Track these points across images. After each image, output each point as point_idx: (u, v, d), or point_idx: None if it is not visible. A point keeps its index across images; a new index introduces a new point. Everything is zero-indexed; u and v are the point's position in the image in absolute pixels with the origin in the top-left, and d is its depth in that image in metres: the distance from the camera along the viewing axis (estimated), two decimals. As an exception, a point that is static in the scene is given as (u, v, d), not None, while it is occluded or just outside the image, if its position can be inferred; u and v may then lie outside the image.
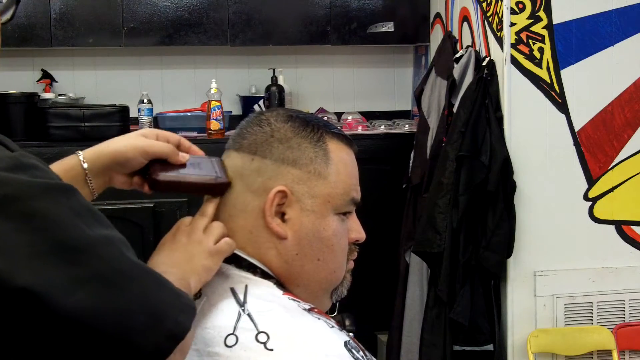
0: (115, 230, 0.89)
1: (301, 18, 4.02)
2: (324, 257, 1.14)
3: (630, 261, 3.18)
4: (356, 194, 1.17)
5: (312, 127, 1.15)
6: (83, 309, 0.80)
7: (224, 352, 1.03)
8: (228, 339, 1.03)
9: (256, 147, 1.14)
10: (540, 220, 3.09)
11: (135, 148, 1.13)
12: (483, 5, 3.22)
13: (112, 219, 0.91)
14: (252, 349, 1.02)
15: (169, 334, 0.87)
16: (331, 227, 1.14)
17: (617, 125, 3.13)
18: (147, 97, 3.77)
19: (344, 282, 1.19)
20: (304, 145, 1.13)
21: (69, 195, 0.85)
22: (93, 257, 0.83)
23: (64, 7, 3.80)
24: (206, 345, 1.05)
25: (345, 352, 1.03)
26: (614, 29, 3.10)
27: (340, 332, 1.08)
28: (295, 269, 1.14)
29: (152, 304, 0.87)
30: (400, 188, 3.61)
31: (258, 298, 1.08)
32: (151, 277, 0.90)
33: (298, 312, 1.07)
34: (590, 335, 3.11)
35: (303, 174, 1.13)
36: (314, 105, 4.28)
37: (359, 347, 1.08)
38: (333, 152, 1.15)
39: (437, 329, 3.05)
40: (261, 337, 1.02)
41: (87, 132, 3.59)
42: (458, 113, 3.09)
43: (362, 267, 1.27)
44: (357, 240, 1.20)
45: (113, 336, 0.82)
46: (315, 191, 1.13)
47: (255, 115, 1.18)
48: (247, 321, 1.05)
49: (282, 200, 1.12)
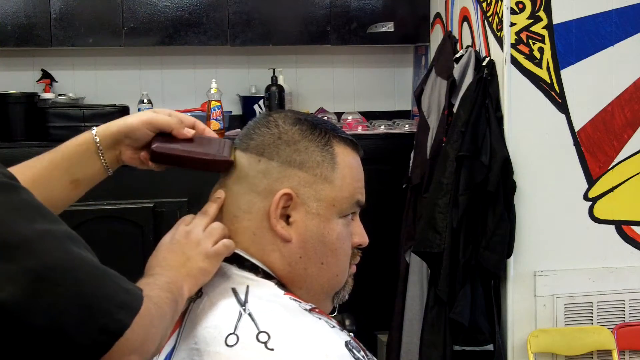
0: (62, 225, 0.90)
1: (301, 18, 4.02)
2: (328, 261, 1.14)
3: (630, 261, 3.18)
4: (361, 196, 1.18)
5: (319, 130, 1.15)
6: (14, 304, 0.82)
7: (225, 351, 1.03)
8: (229, 338, 1.03)
9: (263, 149, 1.14)
10: (540, 220, 3.09)
11: (142, 120, 1.16)
12: (483, 5, 3.22)
13: (112, 219, 0.92)
14: (253, 348, 1.01)
15: (103, 328, 0.87)
16: (335, 230, 1.14)
17: (617, 125, 3.13)
18: (147, 97, 3.77)
19: (346, 286, 1.20)
20: (311, 148, 1.13)
21: (8, 191, 0.87)
22: (26, 252, 0.84)
23: (64, 7, 3.80)
24: (207, 345, 1.04)
25: (346, 352, 1.03)
26: (614, 29, 3.10)
27: (341, 332, 1.08)
28: (298, 271, 1.14)
29: (86, 297, 0.87)
30: (400, 188, 3.61)
31: (259, 298, 1.08)
32: (91, 271, 0.90)
33: (299, 312, 1.07)
34: (590, 335, 3.11)
35: (309, 177, 1.13)
36: (314, 105, 4.28)
37: (360, 347, 1.08)
38: (339, 156, 1.15)
39: (437, 329, 3.05)
40: (262, 336, 1.02)
41: (87, 132, 3.59)
42: (458, 113, 3.09)
43: (363, 267, 1.27)
44: (360, 245, 1.20)
45: (47, 330, 0.84)
46: (320, 195, 1.13)
47: (263, 117, 1.18)
48: (248, 321, 1.04)
49: (288, 203, 1.12)
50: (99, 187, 1.24)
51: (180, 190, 3.61)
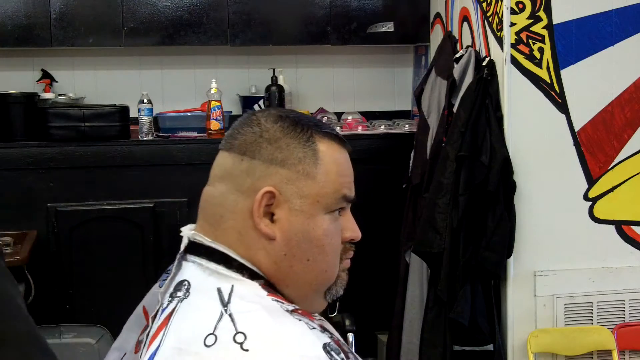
0: None
1: (301, 18, 4.02)
2: (314, 257, 1.14)
3: (630, 261, 3.18)
4: (348, 191, 1.16)
5: (301, 127, 1.14)
6: None
7: (203, 351, 1.03)
8: (208, 338, 1.03)
9: (245, 148, 1.14)
10: (540, 220, 3.09)
11: None
12: (483, 5, 3.22)
13: (112, 219, 0.92)
14: (229, 349, 1.01)
15: None
16: (321, 226, 1.13)
17: (617, 125, 3.13)
18: (147, 97, 3.77)
19: (337, 282, 1.18)
20: (292, 145, 1.13)
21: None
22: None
23: (64, 7, 3.80)
24: (188, 344, 1.05)
25: (323, 355, 1.02)
26: (614, 29, 3.10)
27: (322, 333, 1.07)
28: (284, 269, 1.13)
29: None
30: (400, 188, 3.61)
31: (242, 299, 1.08)
32: None
33: (280, 313, 1.07)
34: (590, 335, 3.11)
35: (291, 174, 1.12)
36: (314, 105, 4.28)
37: (341, 349, 1.07)
38: (322, 151, 1.14)
39: (437, 329, 3.04)
40: (239, 337, 1.02)
41: (87, 132, 3.59)
42: (458, 113, 3.09)
43: (362, 267, 1.27)
44: (352, 239, 1.19)
45: None
46: (304, 191, 1.12)
47: (247, 116, 1.18)
48: (227, 321, 1.04)
49: (271, 201, 1.11)
50: (99, 187, 1.24)
51: (180, 190, 3.61)
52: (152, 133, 3.73)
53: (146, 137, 3.71)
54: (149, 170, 3.65)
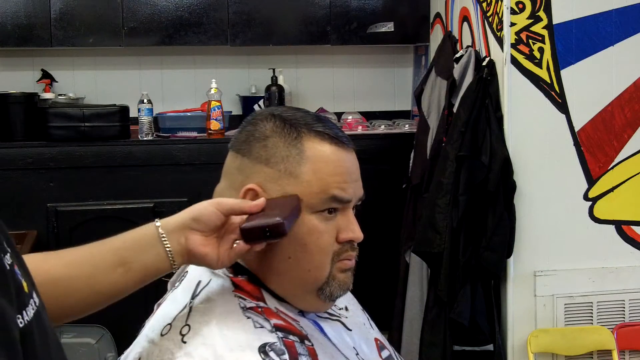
0: None
1: (301, 18, 4.02)
2: (296, 256, 1.13)
3: (630, 261, 3.18)
4: (339, 191, 1.14)
5: (289, 126, 1.15)
6: None
7: (157, 339, 1.07)
8: (165, 328, 1.08)
9: (240, 146, 1.17)
10: (540, 220, 3.09)
11: (209, 202, 1.10)
12: (483, 5, 3.22)
13: (112, 219, 0.92)
14: (173, 340, 1.06)
15: None
16: (305, 225, 1.13)
17: (617, 125, 3.13)
18: (147, 97, 3.77)
19: (331, 282, 1.15)
20: (278, 144, 1.14)
21: None
22: None
23: (64, 7, 3.80)
24: (152, 332, 1.10)
25: (250, 355, 1.02)
26: (614, 29, 3.10)
27: (270, 333, 1.06)
28: (266, 266, 1.15)
29: None
30: (400, 188, 3.61)
31: (208, 292, 1.12)
32: None
33: (232, 310, 1.09)
34: (590, 335, 3.11)
35: (274, 173, 1.13)
36: (314, 105, 4.28)
37: (293, 353, 1.05)
38: (310, 150, 1.14)
39: (437, 329, 3.04)
40: (184, 329, 1.06)
41: (87, 132, 3.59)
42: (458, 113, 3.09)
43: (362, 267, 1.26)
44: (351, 240, 1.17)
45: None
46: (286, 190, 1.13)
47: (251, 115, 1.22)
48: (185, 313, 1.09)
49: (253, 198, 1.13)
50: (99, 187, 1.24)
51: (180, 190, 3.61)
52: (152, 133, 3.73)
53: (146, 137, 3.71)
54: (149, 170, 3.65)
